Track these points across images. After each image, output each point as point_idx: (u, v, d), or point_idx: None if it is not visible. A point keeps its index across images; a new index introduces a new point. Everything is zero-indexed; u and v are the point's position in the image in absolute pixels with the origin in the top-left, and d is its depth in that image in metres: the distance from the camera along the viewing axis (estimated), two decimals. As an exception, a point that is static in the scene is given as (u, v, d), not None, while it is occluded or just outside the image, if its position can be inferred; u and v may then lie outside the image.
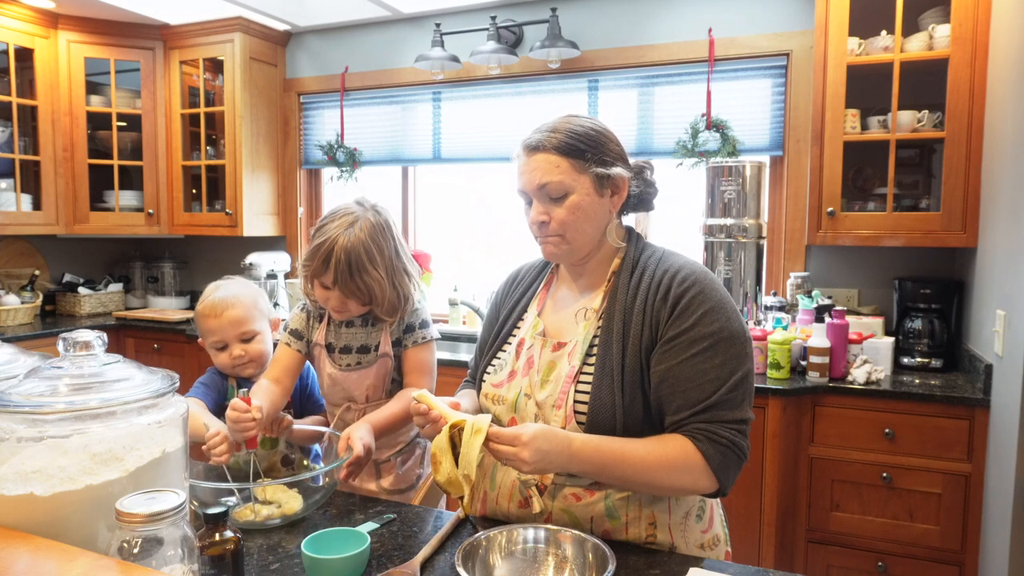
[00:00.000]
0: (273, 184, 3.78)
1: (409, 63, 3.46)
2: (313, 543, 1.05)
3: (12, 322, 3.45)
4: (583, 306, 1.27)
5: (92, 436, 0.87)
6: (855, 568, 2.29)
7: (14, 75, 3.39)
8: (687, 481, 1.12)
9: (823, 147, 2.51)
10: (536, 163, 1.22)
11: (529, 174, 1.22)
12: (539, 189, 1.22)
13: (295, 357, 1.65)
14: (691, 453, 1.12)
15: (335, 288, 1.52)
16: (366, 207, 1.57)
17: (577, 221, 1.21)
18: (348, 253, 1.48)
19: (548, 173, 1.20)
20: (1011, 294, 1.90)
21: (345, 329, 1.65)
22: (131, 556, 0.77)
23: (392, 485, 1.66)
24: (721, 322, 1.16)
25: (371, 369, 1.62)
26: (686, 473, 1.12)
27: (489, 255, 3.67)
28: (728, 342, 1.15)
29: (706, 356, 1.14)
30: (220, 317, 1.64)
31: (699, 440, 1.12)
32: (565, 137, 1.21)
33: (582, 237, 1.23)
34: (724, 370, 1.14)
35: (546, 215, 1.22)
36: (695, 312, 1.16)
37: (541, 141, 1.22)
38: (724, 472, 1.13)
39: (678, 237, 3.09)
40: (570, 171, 1.20)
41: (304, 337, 1.67)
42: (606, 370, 1.17)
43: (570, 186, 1.20)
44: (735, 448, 1.13)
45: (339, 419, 1.66)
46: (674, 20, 3.01)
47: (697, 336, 1.15)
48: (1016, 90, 1.94)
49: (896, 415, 2.21)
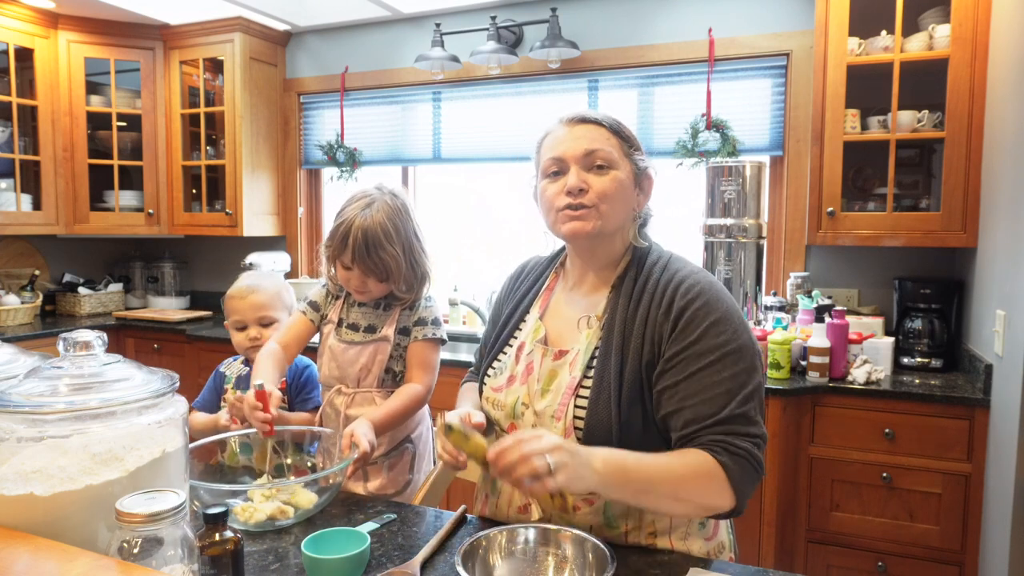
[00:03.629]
0: (273, 184, 3.78)
1: (409, 63, 3.46)
2: (313, 543, 1.05)
3: (12, 322, 3.45)
4: (586, 312, 1.24)
5: (92, 436, 0.87)
6: (855, 568, 2.29)
7: (14, 75, 3.39)
8: (708, 497, 1.05)
9: (823, 147, 2.51)
10: (584, 131, 1.19)
11: (574, 140, 1.17)
12: (585, 155, 1.17)
13: (307, 326, 1.71)
14: (710, 465, 1.04)
15: (354, 267, 1.57)
16: (384, 191, 1.61)
17: (616, 195, 1.17)
18: (365, 232, 1.53)
19: (598, 141, 1.18)
20: (1011, 294, 1.90)
21: (358, 308, 1.69)
22: (131, 556, 0.77)
23: (379, 489, 1.64)
24: (728, 334, 1.10)
25: (367, 348, 1.63)
26: (707, 486, 1.04)
27: (489, 255, 3.67)
28: (736, 355, 1.10)
29: (714, 369, 1.09)
30: (245, 299, 1.80)
31: (716, 452, 1.05)
32: (614, 119, 1.21)
33: (615, 217, 1.18)
34: (734, 383, 1.08)
35: (585, 183, 1.16)
36: (700, 325, 1.11)
37: (589, 115, 1.20)
38: (742, 486, 1.05)
39: (678, 237, 3.09)
40: (618, 148, 1.19)
41: (320, 310, 1.72)
42: (603, 384, 1.14)
43: (616, 161, 1.18)
44: (753, 460, 1.06)
45: (328, 403, 1.67)
46: (674, 20, 3.01)
47: (703, 349, 1.10)
48: (1016, 90, 1.94)
49: (896, 415, 2.21)
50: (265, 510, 1.23)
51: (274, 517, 1.23)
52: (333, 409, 1.65)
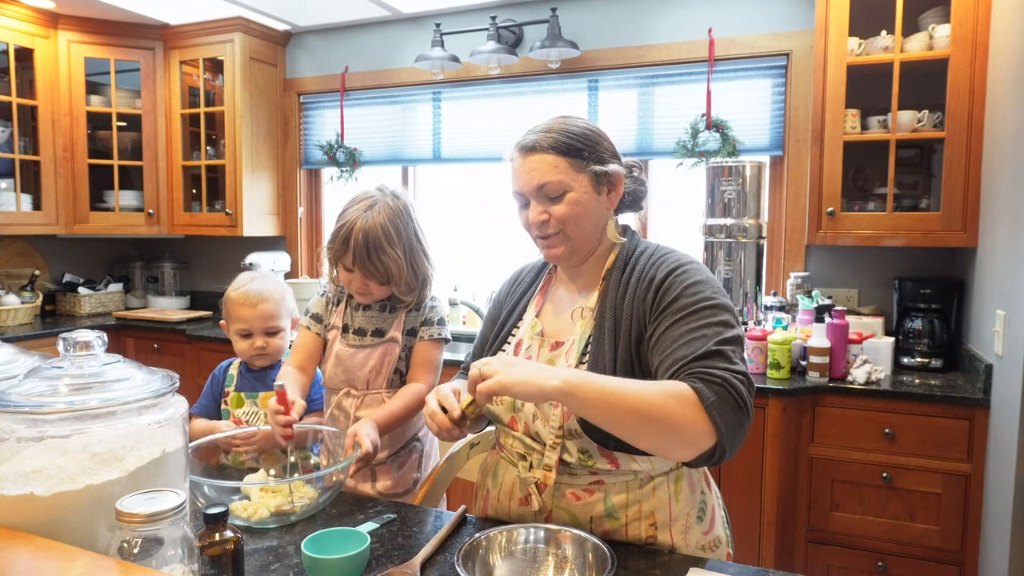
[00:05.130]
0: (273, 184, 3.78)
1: (409, 63, 3.46)
2: (313, 543, 1.05)
3: (12, 322, 3.45)
4: (580, 305, 1.28)
5: (92, 436, 0.87)
6: (855, 568, 2.29)
7: (14, 75, 3.39)
8: (683, 419, 1.00)
9: (823, 147, 2.51)
10: (533, 163, 1.21)
11: (527, 175, 1.22)
12: (537, 189, 1.21)
13: (316, 342, 1.71)
14: (685, 388, 1.02)
15: (355, 269, 1.57)
16: (385, 192, 1.61)
17: (577, 217, 1.21)
18: (366, 234, 1.53)
19: (546, 173, 1.20)
20: (1011, 294, 1.90)
21: (362, 312, 1.69)
22: (131, 556, 0.77)
23: (388, 489, 1.65)
24: (707, 292, 1.14)
25: (376, 350, 1.63)
26: (681, 408, 1.00)
27: (489, 255, 3.67)
28: (714, 309, 1.12)
29: (691, 319, 1.11)
30: (254, 308, 1.75)
31: (692, 381, 1.04)
32: (562, 136, 1.21)
33: (582, 234, 1.23)
34: (711, 329, 1.09)
35: (545, 214, 1.22)
36: (679, 287, 1.15)
37: (537, 141, 1.21)
38: (721, 415, 1.01)
39: (678, 237, 3.09)
40: (568, 170, 1.20)
41: (323, 320, 1.72)
42: (598, 368, 1.17)
43: (569, 184, 1.20)
44: (731, 389, 1.02)
45: (336, 406, 1.66)
46: (674, 20, 3.01)
47: (680, 306, 1.13)
48: (1016, 90, 1.94)
49: (896, 415, 2.21)
50: (268, 506, 1.23)
51: (277, 513, 1.23)
52: (342, 411, 1.65)
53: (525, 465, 1.23)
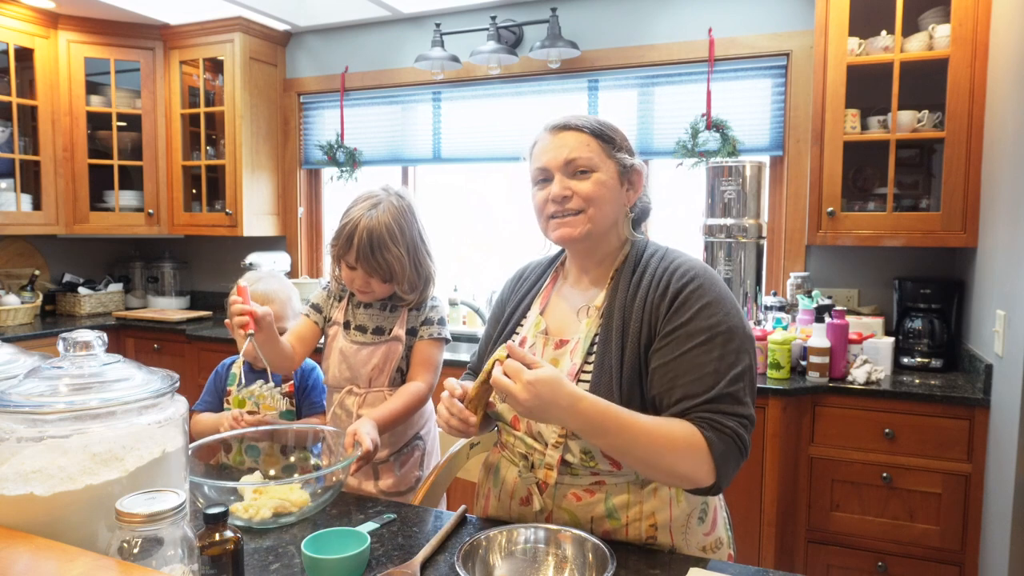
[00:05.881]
0: (273, 184, 3.78)
1: (409, 63, 3.46)
2: (313, 543, 1.05)
3: (12, 322, 3.45)
4: (586, 303, 1.27)
5: (92, 436, 0.87)
6: (855, 568, 2.29)
7: (14, 75, 3.39)
8: (687, 466, 1.06)
9: (823, 147, 2.51)
10: (566, 139, 1.22)
11: (556, 150, 1.22)
12: (566, 164, 1.21)
13: (312, 328, 1.72)
14: (695, 437, 1.07)
15: (358, 266, 1.58)
16: (390, 192, 1.63)
17: (602, 198, 1.21)
18: (370, 232, 1.55)
19: (577, 149, 1.21)
20: (1011, 294, 1.90)
21: (364, 310, 1.69)
22: (131, 556, 0.77)
23: (390, 487, 1.66)
24: (719, 316, 1.13)
25: (380, 348, 1.64)
26: (687, 456, 1.06)
27: (489, 255, 3.67)
28: (726, 336, 1.12)
29: (703, 349, 1.11)
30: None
31: (703, 427, 1.08)
32: (595, 122, 1.23)
33: (604, 218, 1.22)
34: (723, 363, 1.11)
35: (568, 190, 1.21)
36: (693, 306, 1.14)
37: (570, 121, 1.23)
38: (724, 464, 1.08)
39: (678, 237, 3.09)
40: (599, 151, 1.22)
41: (323, 312, 1.73)
42: (604, 368, 1.17)
43: (597, 164, 1.21)
44: (738, 440, 1.08)
45: (338, 405, 1.67)
46: (674, 20, 3.01)
47: (694, 330, 1.13)
48: (1016, 90, 1.94)
49: (896, 415, 2.21)
50: (268, 506, 1.23)
51: (278, 513, 1.23)
52: (344, 410, 1.66)
53: (527, 464, 1.23)
